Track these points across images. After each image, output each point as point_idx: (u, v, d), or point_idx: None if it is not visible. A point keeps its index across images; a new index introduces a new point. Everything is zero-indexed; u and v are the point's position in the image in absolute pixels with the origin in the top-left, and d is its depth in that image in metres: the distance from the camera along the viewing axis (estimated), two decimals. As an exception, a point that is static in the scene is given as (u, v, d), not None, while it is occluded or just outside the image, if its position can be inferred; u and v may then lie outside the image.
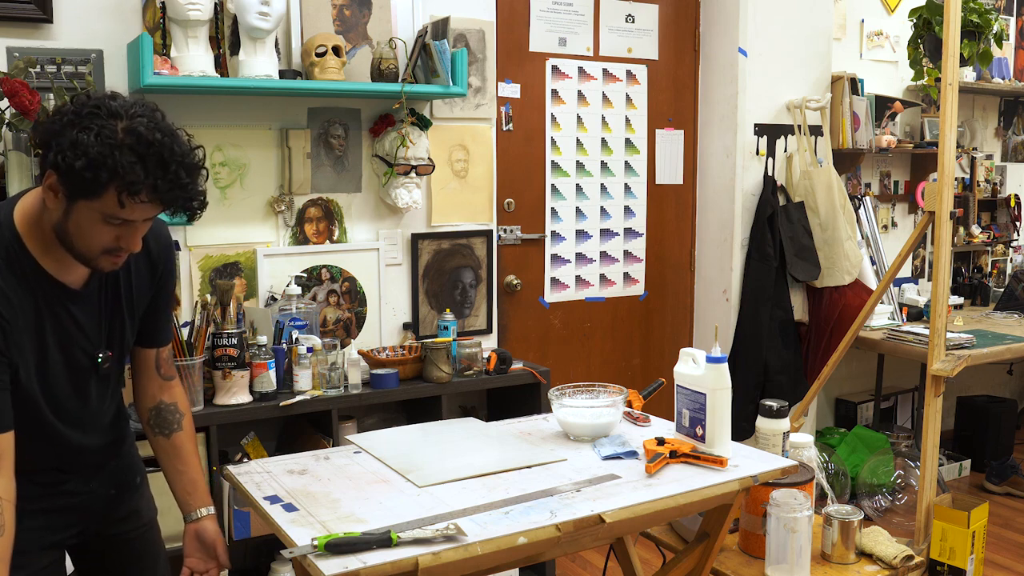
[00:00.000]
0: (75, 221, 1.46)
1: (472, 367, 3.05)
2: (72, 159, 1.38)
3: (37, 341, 1.54)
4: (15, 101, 2.35)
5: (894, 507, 3.82)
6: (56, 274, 1.55)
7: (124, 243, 1.50)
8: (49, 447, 1.64)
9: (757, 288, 3.90)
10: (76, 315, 1.59)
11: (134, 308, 1.70)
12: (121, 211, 1.44)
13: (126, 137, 1.41)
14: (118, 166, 1.39)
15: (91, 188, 1.40)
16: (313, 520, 1.54)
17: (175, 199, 1.48)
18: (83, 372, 1.63)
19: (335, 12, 3.00)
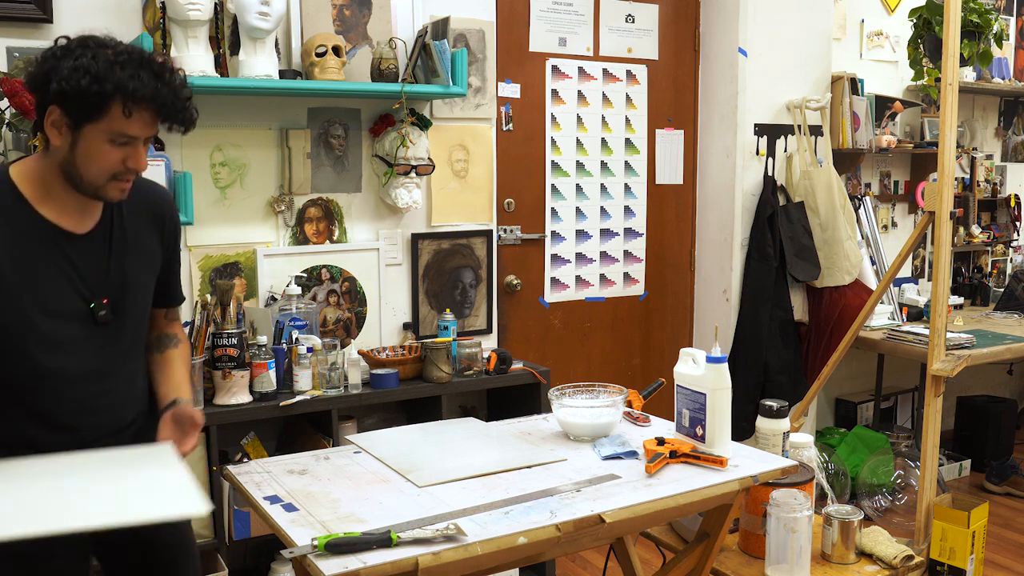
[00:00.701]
0: (82, 149, 1.55)
1: (472, 367, 3.05)
2: (77, 80, 1.48)
3: (32, 282, 1.58)
4: (15, 101, 2.35)
5: (894, 507, 3.82)
6: (56, 220, 1.61)
7: (131, 163, 1.58)
8: (62, 408, 1.64)
9: (757, 288, 3.91)
10: (74, 259, 1.63)
11: (145, 259, 1.75)
12: (126, 124, 1.53)
13: (121, 56, 1.53)
14: (120, 78, 1.50)
15: (97, 104, 1.50)
16: (313, 520, 1.54)
17: (174, 107, 1.58)
18: (78, 318, 1.64)
19: (335, 12, 3.00)
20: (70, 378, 1.64)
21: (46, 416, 1.64)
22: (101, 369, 1.69)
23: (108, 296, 1.67)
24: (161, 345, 1.87)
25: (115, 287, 1.69)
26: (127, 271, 1.71)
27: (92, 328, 1.66)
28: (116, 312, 1.68)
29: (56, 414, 1.65)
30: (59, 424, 1.65)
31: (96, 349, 1.67)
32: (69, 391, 1.65)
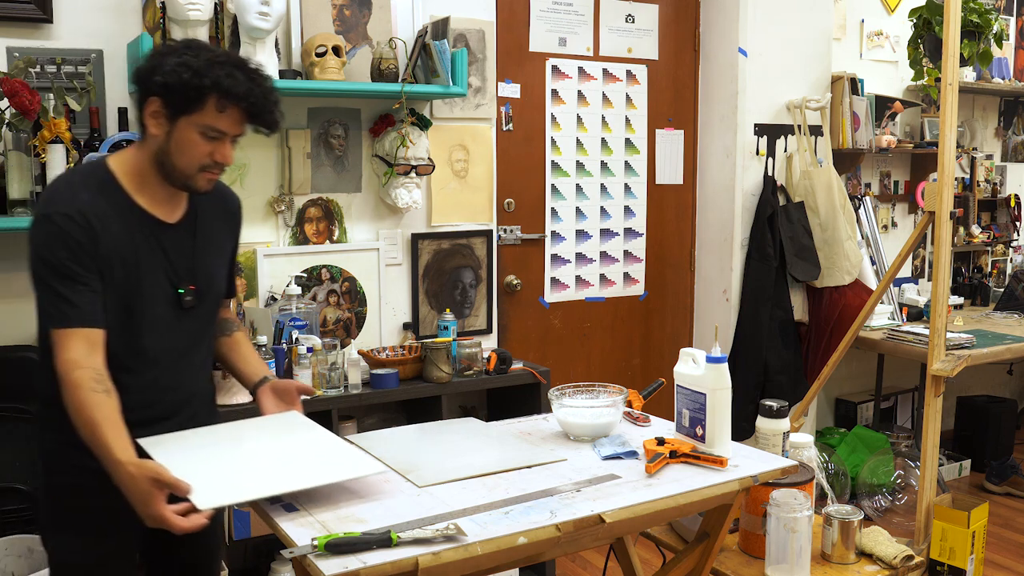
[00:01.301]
0: (176, 140, 1.69)
1: (472, 367, 3.05)
2: (179, 74, 1.64)
3: (131, 261, 1.72)
4: (15, 101, 2.35)
5: (894, 507, 3.82)
6: (150, 208, 1.76)
7: (219, 156, 1.72)
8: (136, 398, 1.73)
9: (757, 288, 3.90)
10: (165, 246, 1.77)
11: (219, 251, 1.91)
12: (218, 119, 1.68)
13: (220, 57, 1.68)
14: (218, 76, 1.65)
15: (194, 98, 1.65)
16: (313, 520, 1.54)
17: (262, 108, 1.72)
18: (168, 302, 1.78)
19: (335, 12, 3.00)
20: (156, 357, 1.78)
21: (132, 389, 1.73)
22: (181, 350, 1.83)
23: (193, 283, 1.82)
24: (225, 328, 2.02)
25: (198, 275, 1.83)
26: (207, 261, 1.86)
27: (178, 311, 1.80)
28: (198, 298, 1.83)
29: (140, 388, 1.76)
30: (142, 400, 1.76)
31: (179, 331, 1.82)
32: (154, 369, 1.78)
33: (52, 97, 2.47)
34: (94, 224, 1.67)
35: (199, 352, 1.90)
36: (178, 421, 1.84)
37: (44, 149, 2.46)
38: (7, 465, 2.58)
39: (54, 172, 2.50)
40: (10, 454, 2.59)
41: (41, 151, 2.46)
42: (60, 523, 1.77)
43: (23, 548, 2.41)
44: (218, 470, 1.64)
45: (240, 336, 2.04)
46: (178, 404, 1.85)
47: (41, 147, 2.45)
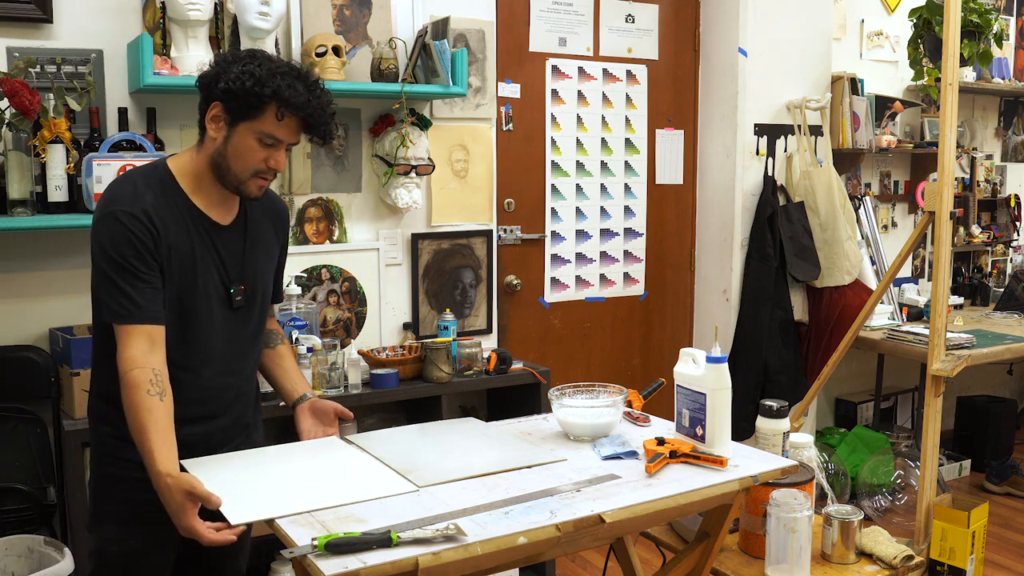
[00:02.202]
0: (233, 144, 1.76)
1: (472, 367, 3.05)
2: (242, 82, 1.71)
3: (188, 260, 1.79)
4: (15, 101, 2.34)
5: (894, 507, 3.82)
6: (205, 210, 1.83)
7: (272, 163, 1.79)
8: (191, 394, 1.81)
9: (757, 288, 3.90)
10: (219, 247, 1.84)
11: (271, 257, 1.98)
12: (276, 127, 1.75)
13: (281, 68, 1.75)
14: (279, 85, 1.72)
15: (255, 105, 1.73)
16: (313, 520, 1.54)
17: (319, 119, 1.78)
18: (220, 302, 1.84)
19: (335, 12, 3.00)
20: (211, 355, 1.85)
21: (187, 385, 1.81)
22: (233, 349, 1.89)
23: (243, 283, 1.88)
24: (270, 340, 2.08)
25: (247, 276, 1.89)
26: (256, 262, 1.92)
27: (229, 311, 1.87)
28: (247, 299, 1.90)
29: (195, 385, 1.83)
30: (197, 396, 1.83)
31: (232, 331, 1.88)
32: (209, 366, 1.85)
33: (52, 97, 2.47)
34: (156, 223, 1.74)
35: (251, 353, 1.97)
36: (228, 420, 1.92)
37: (44, 149, 2.46)
38: (7, 465, 2.58)
39: (54, 172, 2.50)
40: (10, 454, 2.59)
41: (41, 151, 2.46)
42: (105, 512, 1.86)
43: (23, 548, 2.41)
44: (251, 488, 1.69)
45: (283, 349, 2.11)
46: (228, 403, 1.92)
47: (41, 147, 2.45)
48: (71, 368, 2.47)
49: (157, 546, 1.86)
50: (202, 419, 1.86)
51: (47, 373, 2.60)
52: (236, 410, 1.95)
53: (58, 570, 2.27)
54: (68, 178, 2.52)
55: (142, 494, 1.71)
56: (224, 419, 1.92)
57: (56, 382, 2.60)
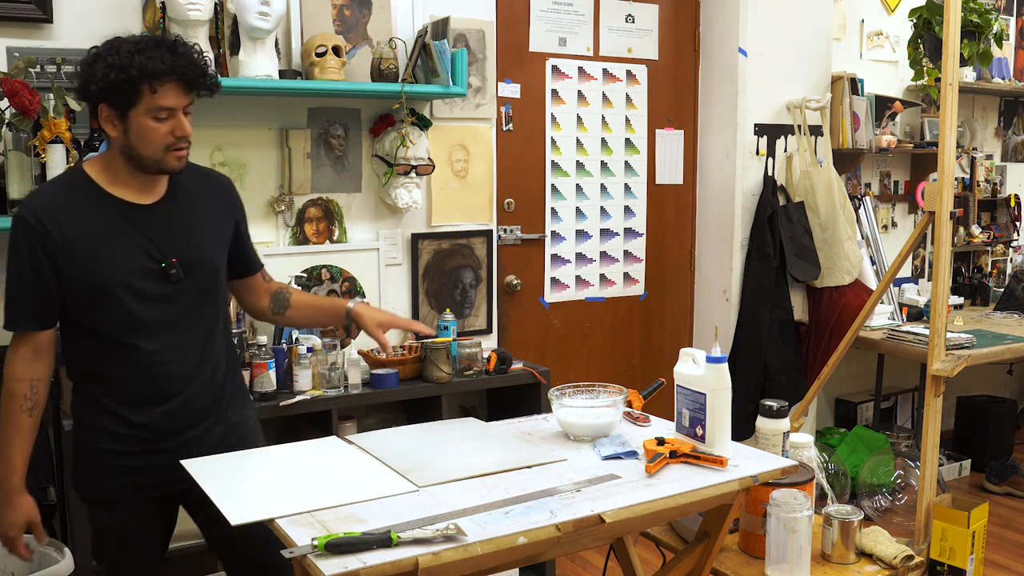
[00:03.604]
0: (134, 132, 1.80)
1: (472, 367, 3.05)
2: (108, 76, 1.75)
3: (98, 246, 1.83)
4: (15, 101, 2.34)
5: (894, 507, 3.82)
6: (128, 197, 1.88)
7: (178, 132, 1.83)
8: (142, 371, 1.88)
9: (757, 288, 3.90)
10: (141, 227, 1.87)
11: (215, 229, 2.00)
12: (159, 99, 1.78)
13: (137, 45, 1.78)
14: (141, 62, 1.75)
15: (130, 91, 1.76)
16: (313, 520, 1.54)
17: (191, 74, 1.81)
18: (152, 277, 1.87)
19: (335, 12, 3.00)
20: (150, 330, 1.88)
21: (158, 354, 1.89)
22: (180, 323, 1.92)
23: (176, 256, 1.89)
24: (285, 298, 2.20)
25: (181, 248, 1.91)
26: (192, 236, 1.94)
27: (167, 285, 1.89)
28: (186, 270, 1.91)
29: (163, 352, 1.89)
30: (149, 372, 1.89)
31: (175, 304, 1.91)
32: (151, 342, 1.88)
33: (52, 97, 2.46)
34: (47, 222, 1.80)
35: (204, 327, 1.98)
36: (188, 399, 1.94)
37: (44, 149, 2.46)
38: (7, 465, 2.58)
39: (54, 172, 2.50)
40: (10, 454, 2.59)
41: (41, 151, 2.46)
42: (88, 493, 1.98)
43: (23, 548, 2.40)
44: (251, 488, 1.70)
45: (297, 295, 2.22)
46: (182, 380, 1.93)
47: (41, 147, 2.45)
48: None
49: (142, 522, 1.98)
50: (156, 399, 1.90)
51: (47, 373, 2.60)
52: (196, 389, 1.95)
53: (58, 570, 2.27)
54: (68, 178, 2.52)
55: (120, 478, 1.90)
56: (182, 398, 1.93)
57: (56, 382, 2.60)
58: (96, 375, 1.90)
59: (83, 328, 1.88)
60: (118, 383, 1.89)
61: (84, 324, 1.87)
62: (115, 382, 1.89)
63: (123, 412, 1.89)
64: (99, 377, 1.90)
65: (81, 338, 1.89)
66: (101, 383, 1.90)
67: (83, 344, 1.90)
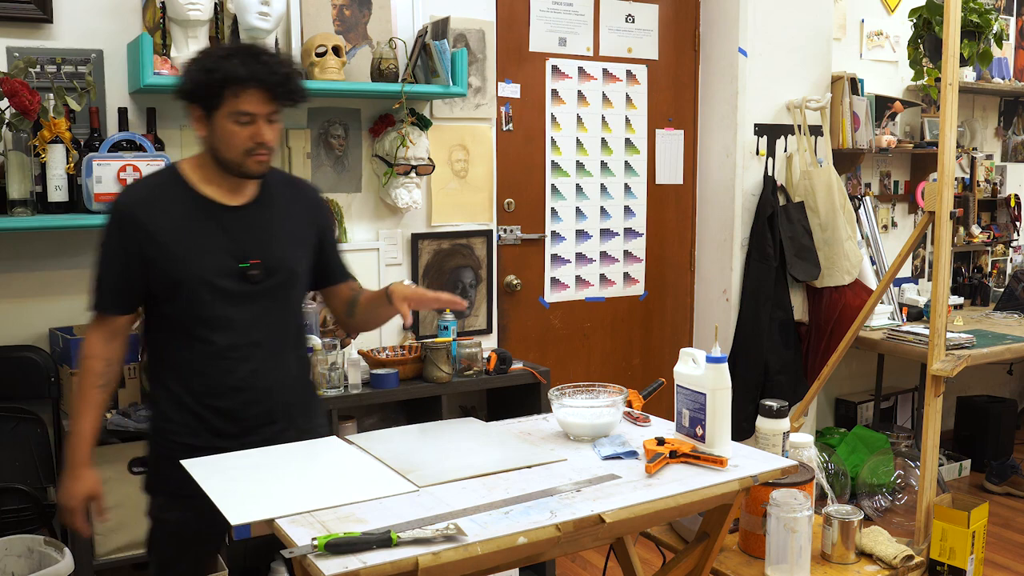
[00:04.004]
0: (217, 134, 1.89)
1: (472, 367, 3.05)
2: (196, 78, 1.86)
3: (185, 241, 1.91)
4: (15, 101, 2.35)
5: (894, 507, 3.82)
6: (217, 197, 1.95)
7: (258, 138, 1.89)
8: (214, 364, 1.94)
9: (757, 288, 3.90)
10: (227, 227, 1.95)
11: (297, 236, 2.05)
12: (239, 103, 1.85)
13: (227, 52, 1.88)
14: (225, 67, 1.84)
15: (214, 93, 1.85)
16: (313, 520, 1.54)
17: (274, 81, 1.87)
18: (232, 276, 1.94)
19: (335, 12, 3.00)
20: (225, 325, 1.94)
21: (231, 350, 1.95)
22: (255, 323, 1.97)
23: (257, 258, 1.95)
24: (355, 300, 2.21)
25: (262, 251, 1.97)
26: (273, 240, 1.99)
27: (246, 285, 1.95)
28: (266, 273, 1.97)
29: (236, 349, 1.95)
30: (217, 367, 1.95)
31: (252, 304, 1.96)
32: (224, 336, 1.94)
33: (52, 97, 2.47)
34: (140, 215, 1.89)
35: (276, 330, 2.02)
36: (255, 398, 1.98)
37: (44, 149, 2.46)
38: (7, 465, 2.58)
39: (54, 172, 2.50)
40: (10, 454, 2.59)
41: (41, 151, 2.46)
42: (157, 485, 2.03)
43: (23, 548, 2.41)
44: (251, 488, 1.70)
45: (364, 294, 2.21)
46: (252, 379, 1.97)
47: (41, 147, 2.46)
48: (71, 368, 2.47)
49: (203, 518, 1.92)
50: (224, 393, 1.96)
51: (47, 373, 2.60)
52: (265, 390, 1.99)
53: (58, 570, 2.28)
54: (68, 178, 2.52)
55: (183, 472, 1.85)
56: (250, 397, 1.97)
57: (56, 382, 2.60)
58: (172, 364, 1.98)
59: (164, 316, 1.96)
60: (191, 373, 1.96)
61: (166, 313, 1.95)
62: (188, 372, 1.96)
63: (194, 404, 1.95)
64: (174, 366, 1.97)
65: (162, 327, 1.98)
66: (176, 373, 1.97)
67: (163, 333, 1.98)
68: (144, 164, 2.51)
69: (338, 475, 1.77)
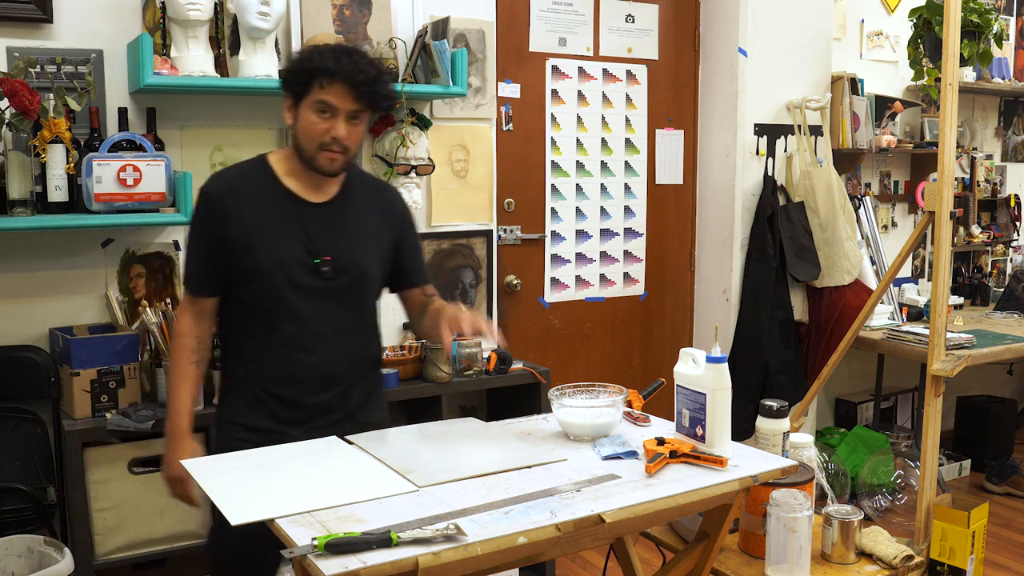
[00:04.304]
0: (300, 123, 1.97)
1: (472, 367, 3.04)
2: (291, 66, 1.98)
3: (267, 231, 1.98)
4: (15, 101, 2.34)
5: (894, 507, 3.82)
6: (300, 192, 2.03)
7: (334, 132, 1.94)
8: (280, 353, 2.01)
9: (757, 288, 3.90)
10: (305, 221, 2.02)
11: (373, 237, 2.11)
12: (323, 94, 1.92)
13: (325, 47, 1.96)
14: (316, 61, 1.92)
15: (302, 81, 1.93)
16: (313, 520, 1.54)
17: (360, 79, 1.92)
18: (305, 270, 2.00)
19: (335, 12, 3.00)
20: (292, 315, 2.00)
21: (296, 342, 2.01)
22: (323, 318, 2.03)
23: (331, 255, 2.02)
24: (426, 308, 2.22)
25: (336, 249, 2.03)
26: (349, 240, 2.05)
27: (318, 280, 2.01)
28: (337, 271, 2.02)
29: (301, 341, 2.01)
30: (304, 349, 2.02)
31: (321, 300, 2.02)
32: (291, 325, 2.00)
33: (52, 97, 2.46)
34: (225, 199, 1.98)
35: (343, 327, 2.07)
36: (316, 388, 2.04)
37: (44, 149, 2.46)
38: (7, 465, 2.58)
39: (54, 172, 2.50)
40: (10, 454, 2.59)
41: (41, 151, 2.46)
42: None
43: (23, 548, 2.41)
44: (251, 488, 1.71)
45: (434, 305, 2.21)
46: (318, 372, 2.04)
47: (41, 147, 2.45)
48: (71, 368, 2.47)
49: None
50: (288, 383, 2.02)
51: (47, 373, 2.60)
52: (327, 383, 2.05)
53: (58, 570, 2.28)
54: (68, 178, 2.52)
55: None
56: (312, 388, 2.03)
57: (56, 382, 2.60)
58: (239, 349, 2.05)
59: (239, 302, 2.03)
60: (256, 360, 2.02)
61: (240, 299, 2.02)
62: (254, 358, 2.03)
63: (258, 390, 2.02)
64: (241, 351, 2.05)
65: (235, 312, 2.04)
66: (242, 358, 2.04)
67: (235, 318, 2.05)
68: (144, 164, 2.51)
69: (338, 475, 1.77)
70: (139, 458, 2.51)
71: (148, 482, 2.50)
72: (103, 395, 2.50)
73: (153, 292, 2.82)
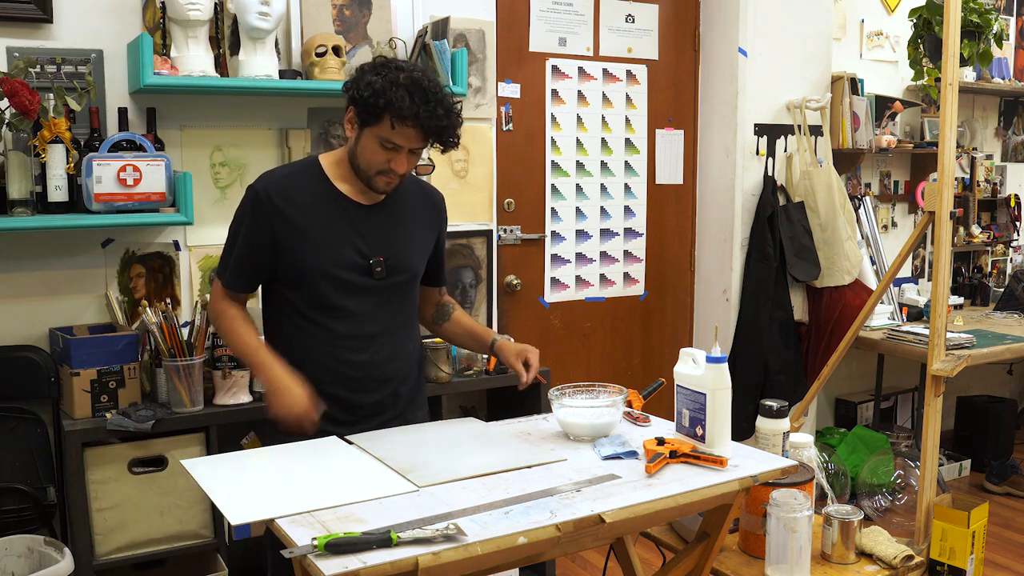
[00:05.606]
0: (362, 144, 1.99)
1: (472, 367, 3.04)
2: (364, 92, 1.93)
3: (318, 232, 2.01)
4: (15, 101, 2.34)
5: (894, 507, 3.82)
6: (351, 195, 2.07)
7: (393, 165, 1.98)
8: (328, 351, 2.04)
9: (757, 288, 3.90)
10: (357, 223, 2.06)
11: (418, 235, 2.16)
12: (392, 134, 1.94)
13: (403, 80, 1.92)
14: (393, 98, 1.90)
15: (373, 114, 1.93)
16: (313, 520, 1.54)
17: (432, 128, 1.95)
18: (358, 271, 2.04)
19: (335, 12, 3.00)
20: (344, 315, 2.04)
21: (348, 340, 2.06)
22: (372, 318, 2.08)
23: (383, 256, 2.07)
24: (445, 312, 2.34)
25: (388, 250, 2.08)
26: (400, 240, 2.10)
27: (370, 281, 2.06)
28: (389, 270, 2.08)
29: (353, 340, 2.06)
30: (356, 348, 2.06)
31: (373, 300, 2.07)
32: (342, 325, 2.05)
33: (52, 97, 2.46)
34: (276, 199, 2.01)
35: (393, 325, 2.12)
36: (367, 385, 2.08)
37: (44, 149, 2.46)
38: (7, 465, 2.59)
39: (54, 172, 2.50)
40: (10, 454, 2.59)
41: (41, 151, 2.46)
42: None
43: (23, 548, 2.41)
44: (251, 488, 1.71)
45: (458, 313, 2.35)
46: (367, 370, 2.08)
47: (41, 147, 2.45)
48: (71, 368, 2.47)
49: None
50: (337, 380, 2.05)
51: (47, 373, 2.60)
52: (376, 380, 2.09)
53: (58, 570, 2.27)
54: (68, 178, 2.52)
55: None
56: (361, 385, 2.07)
57: (56, 382, 2.60)
58: (289, 348, 2.05)
59: (286, 300, 2.06)
60: (306, 358, 2.04)
61: (288, 297, 2.05)
62: (304, 357, 2.04)
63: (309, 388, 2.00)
64: (291, 351, 2.05)
65: (282, 310, 2.08)
66: (292, 357, 2.03)
67: (283, 316, 2.08)
68: (144, 164, 2.51)
69: (338, 475, 1.77)
70: (139, 458, 2.51)
71: (148, 482, 2.50)
72: (103, 395, 2.50)
73: (153, 292, 2.82)
